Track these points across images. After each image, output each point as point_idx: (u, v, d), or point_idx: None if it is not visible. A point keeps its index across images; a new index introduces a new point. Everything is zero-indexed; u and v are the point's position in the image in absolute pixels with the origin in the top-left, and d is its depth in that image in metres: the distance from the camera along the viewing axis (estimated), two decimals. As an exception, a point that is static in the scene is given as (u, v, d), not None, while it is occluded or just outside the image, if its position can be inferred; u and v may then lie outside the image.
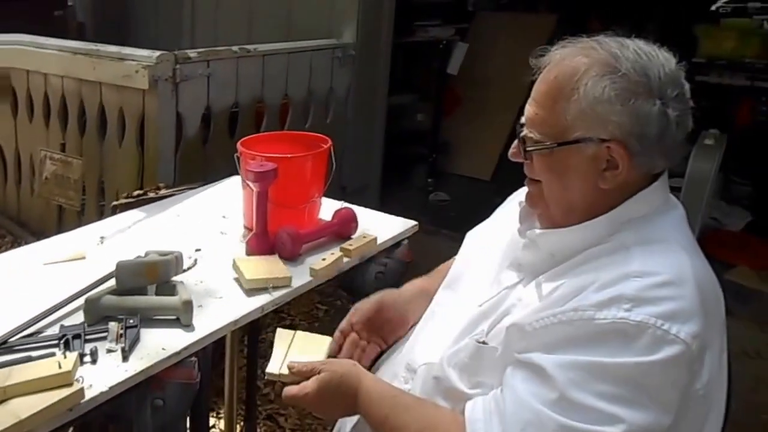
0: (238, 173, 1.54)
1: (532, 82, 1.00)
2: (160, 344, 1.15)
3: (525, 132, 0.98)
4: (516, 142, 1.00)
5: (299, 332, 1.23)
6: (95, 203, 3.03)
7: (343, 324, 1.26)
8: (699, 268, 0.91)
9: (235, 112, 3.06)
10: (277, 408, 2.44)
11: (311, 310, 3.14)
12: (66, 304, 1.23)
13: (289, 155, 1.58)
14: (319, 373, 1.05)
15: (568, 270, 0.94)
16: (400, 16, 4.17)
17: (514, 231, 1.08)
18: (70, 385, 1.00)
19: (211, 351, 1.27)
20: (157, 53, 2.66)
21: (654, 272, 0.85)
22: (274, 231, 1.50)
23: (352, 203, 1.70)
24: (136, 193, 2.45)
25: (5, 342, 1.12)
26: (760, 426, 2.40)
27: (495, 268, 1.10)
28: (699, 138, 3.64)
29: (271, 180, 1.44)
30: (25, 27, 3.47)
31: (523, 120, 1.00)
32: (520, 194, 1.11)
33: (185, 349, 1.16)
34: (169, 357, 1.13)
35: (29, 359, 1.08)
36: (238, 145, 1.57)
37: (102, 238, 1.58)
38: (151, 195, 2.32)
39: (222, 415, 2.16)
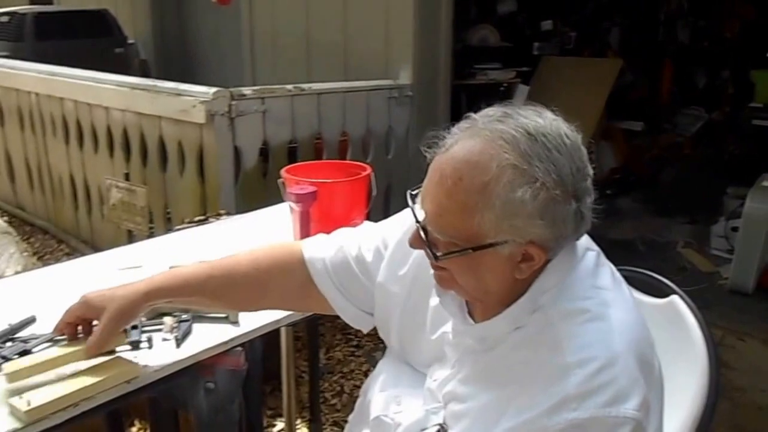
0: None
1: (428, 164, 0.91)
2: (209, 336, 1.30)
3: (428, 227, 0.90)
4: (415, 230, 0.92)
5: None
6: (164, 229, 3.23)
7: None
8: (624, 323, 0.89)
9: (293, 147, 3.23)
10: (344, 416, 2.55)
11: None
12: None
13: (329, 180, 1.71)
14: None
15: (508, 354, 0.91)
16: (459, 58, 4.33)
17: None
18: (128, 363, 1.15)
19: (261, 346, 1.39)
20: (213, 89, 2.82)
21: (588, 359, 0.84)
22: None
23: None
24: (197, 218, 2.63)
25: (66, 333, 1.28)
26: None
27: (423, 324, 1.08)
28: (757, 180, 3.62)
29: (311, 201, 1.58)
30: (87, 64, 3.80)
31: (418, 207, 0.92)
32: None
33: (231, 340, 1.30)
34: (217, 346, 1.27)
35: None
36: (282, 171, 1.73)
37: (159, 251, 1.74)
38: (213, 221, 2.50)
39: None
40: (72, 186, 3.94)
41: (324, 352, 3.02)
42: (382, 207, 3.66)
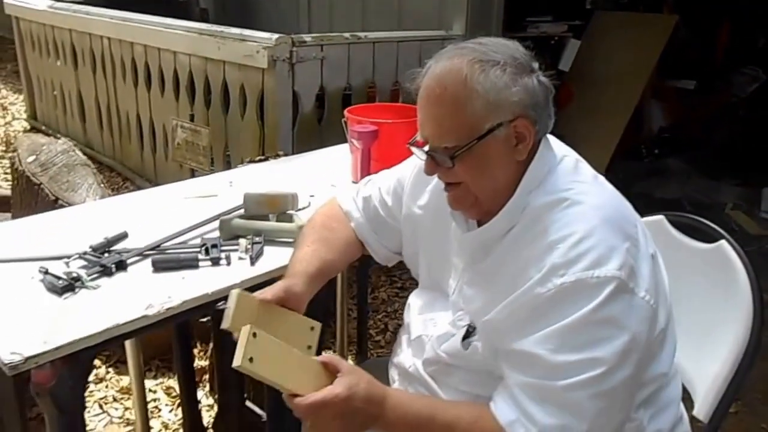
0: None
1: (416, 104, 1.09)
2: (279, 257, 1.45)
3: (435, 146, 1.07)
4: (426, 160, 1.09)
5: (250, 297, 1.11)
6: (223, 169, 3.41)
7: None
8: (600, 203, 1.05)
9: (348, 94, 3.34)
10: (387, 352, 2.67)
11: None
12: (205, 224, 1.57)
13: (389, 121, 1.83)
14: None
15: (504, 254, 1.08)
16: (511, 10, 4.33)
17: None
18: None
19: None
20: (276, 36, 2.94)
21: (568, 234, 1.00)
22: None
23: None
24: (258, 158, 2.79)
25: (159, 246, 1.47)
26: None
27: (449, 250, 1.22)
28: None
29: (372, 140, 1.71)
30: (151, 11, 3.92)
31: (419, 138, 1.09)
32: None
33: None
34: (286, 265, 1.38)
35: (178, 258, 1.41)
36: (346, 111, 1.85)
37: (231, 182, 1.91)
38: (272, 162, 2.65)
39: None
40: (138, 126, 4.15)
41: (369, 292, 3.16)
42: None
